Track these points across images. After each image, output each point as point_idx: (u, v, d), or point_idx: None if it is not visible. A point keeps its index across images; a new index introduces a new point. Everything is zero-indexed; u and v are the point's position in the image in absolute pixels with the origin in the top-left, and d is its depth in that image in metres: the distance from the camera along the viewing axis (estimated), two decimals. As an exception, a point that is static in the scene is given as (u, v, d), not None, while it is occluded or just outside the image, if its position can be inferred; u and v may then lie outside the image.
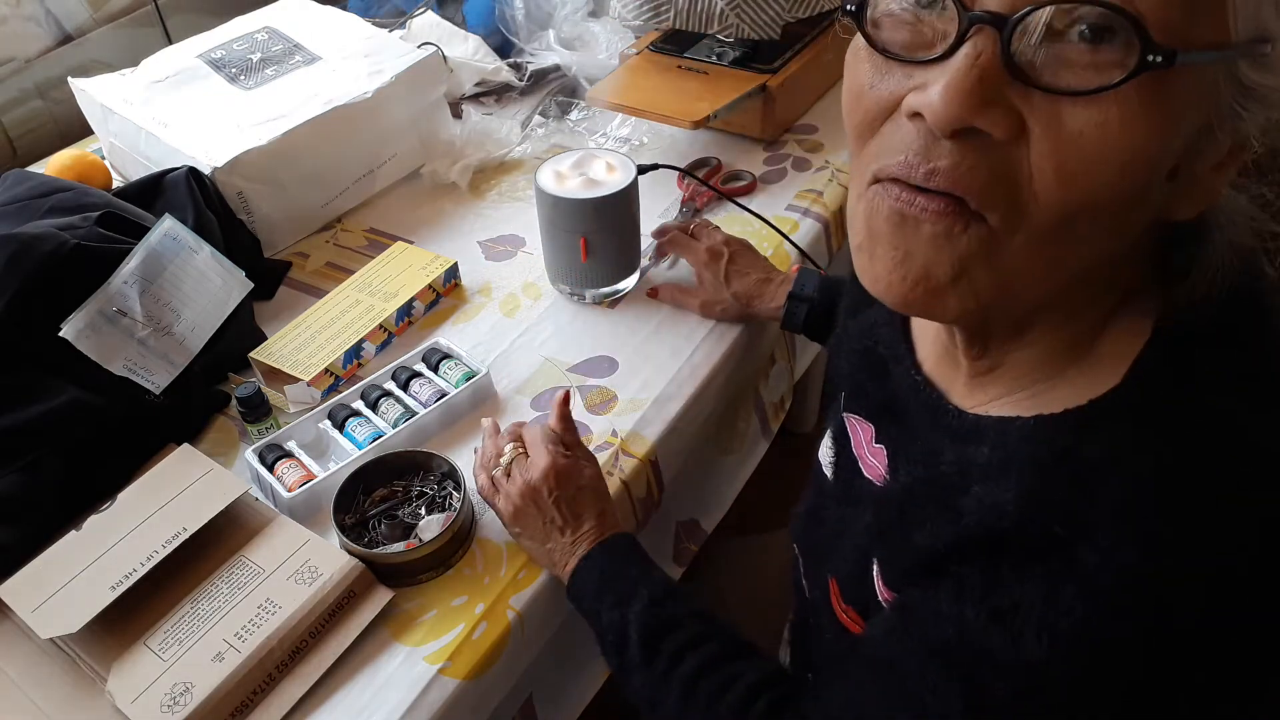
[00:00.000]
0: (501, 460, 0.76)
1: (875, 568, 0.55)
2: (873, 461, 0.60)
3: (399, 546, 0.73)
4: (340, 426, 0.85)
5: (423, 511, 0.78)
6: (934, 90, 0.39)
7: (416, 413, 0.85)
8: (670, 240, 1.00)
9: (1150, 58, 0.36)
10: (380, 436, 0.83)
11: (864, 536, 0.56)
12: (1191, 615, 0.40)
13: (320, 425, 0.86)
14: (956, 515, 0.47)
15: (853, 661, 0.54)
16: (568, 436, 0.78)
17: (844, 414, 0.64)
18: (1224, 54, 0.38)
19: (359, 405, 0.87)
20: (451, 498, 0.79)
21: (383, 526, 0.77)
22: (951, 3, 0.39)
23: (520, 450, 0.76)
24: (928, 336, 0.58)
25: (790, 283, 0.91)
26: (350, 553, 0.73)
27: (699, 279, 0.97)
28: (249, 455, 0.82)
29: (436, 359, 0.91)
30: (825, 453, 0.69)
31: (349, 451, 0.83)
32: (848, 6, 0.43)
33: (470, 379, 0.89)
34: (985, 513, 0.45)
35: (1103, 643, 0.41)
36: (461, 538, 0.76)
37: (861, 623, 0.59)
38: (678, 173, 1.11)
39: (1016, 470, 0.45)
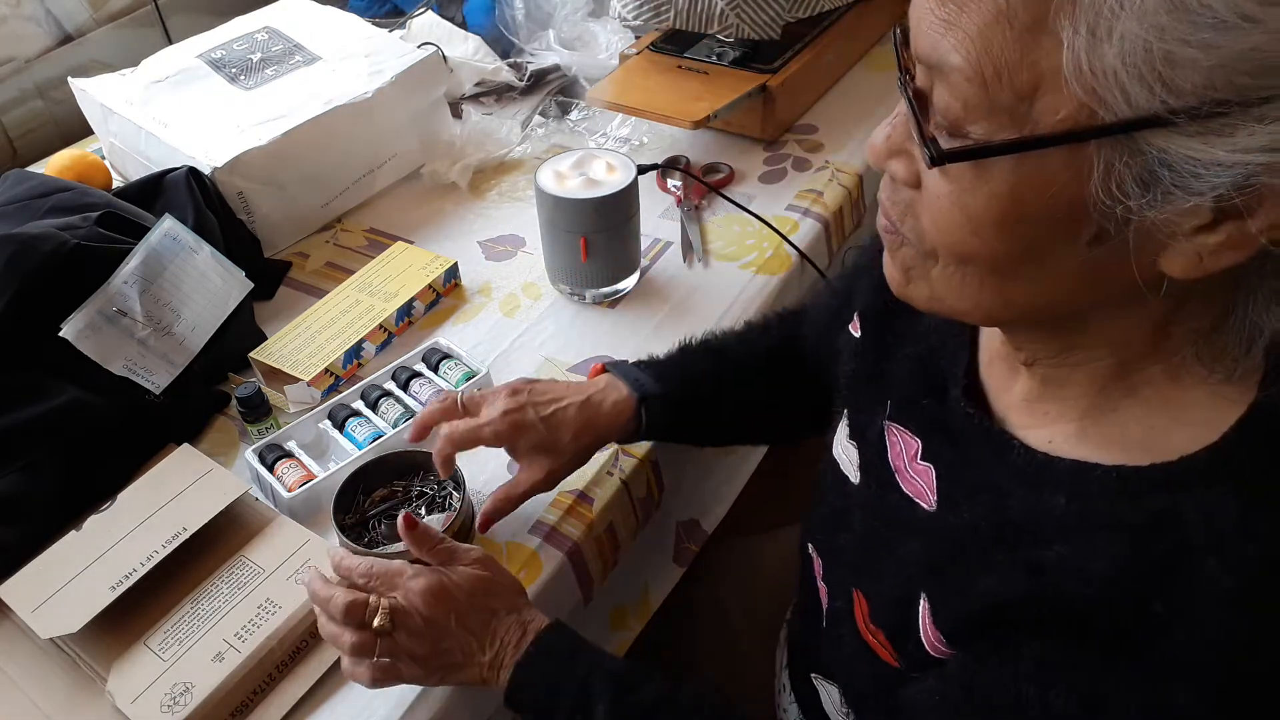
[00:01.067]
0: (375, 623, 0.61)
1: (924, 602, 0.52)
2: (915, 479, 0.56)
3: (399, 546, 0.73)
4: (340, 426, 0.85)
5: (423, 511, 0.78)
6: (874, 132, 0.46)
7: (416, 413, 0.85)
8: (443, 441, 0.72)
9: (929, 155, 0.41)
10: (380, 436, 0.83)
11: (911, 566, 0.53)
12: None
13: (320, 425, 0.86)
14: (1035, 569, 0.44)
15: None
16: (433, 554, 0.66)
17: (887, 421, 0.60)
18: (1039, 139, 0.38)
19: (359, 405, 0.87)
20: (451, 498, 0.79)
21: (383, 526, 0.77)
22: (899, 66, 0.44)
23: (385, 595, 0.63)
24: (990, 347, 0.56)
25: (613, 387, 0.75)
26: (351, 553, 0.73)
27: (513, 452, 0.76)
28: (249, 455, 0.82)
29: (436, 359, 0.91)
30: (846, 451, 0.65)
31: (349, 451, 0.83)
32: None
33: (470, 379, 0.89)
34: (1069, 576, 0.42)
35: None
36: (462, 537, 0.76)
37: (889, 647, 0.56)
38: (657, 177, 1.11)
39: (1106, 531, 0.43)
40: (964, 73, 0.39)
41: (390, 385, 0.89)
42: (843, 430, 0.67)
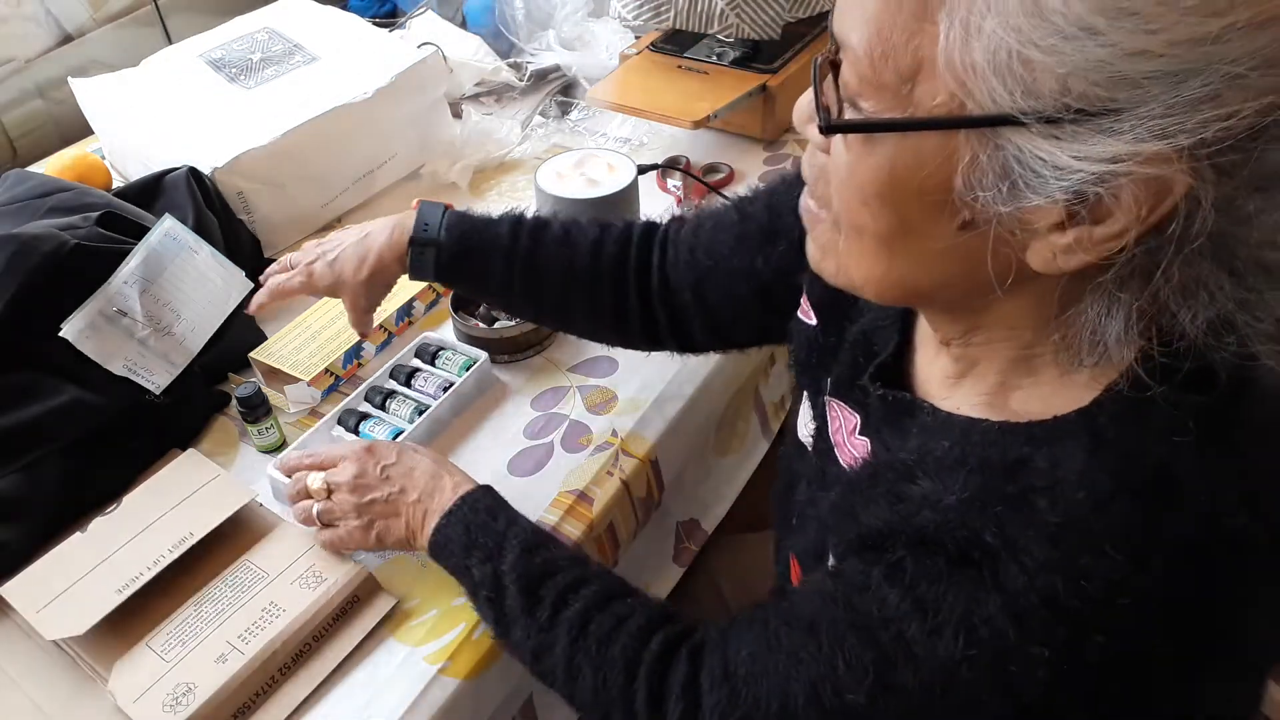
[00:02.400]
0: (313, 487, 0.74)
1: (830, 546, 0.55)
2: (851, 451, 0.60)
3: (510, 322, 0.91)
4: (354, 430, 0.85)
5: None
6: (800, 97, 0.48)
7: (429, 405, 0.86)
8: (262, 291, 0.84)
9: (820, 121, 0.44)
10: (401, 432, 0.84)
11: (830, 516, 0.57)
12: (1102, 647, 0.42)
13: (334, 433, 0.86)
14: (896, 500, 0.48)
15: (771, 612, 0.54)
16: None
17: (828, 397, 0.63)
18: (919, 122, 0.41)
19: (367, 408, 0.87)
20: None
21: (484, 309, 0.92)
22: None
23: (323, 471, 0.75)
24: (921, 328, 0.59)
25: (401, 226, 0.79)
26: (473, 337, 0.91)
27: (316, 293, 0.83)
28: (272, 471, 0.80)
29: (429, 354, 0.91)
30: (806, 427, 0.68)
31: None
32: None
33: (470, 367, 0.89)
34: (926, 507, 0.46)
35: (1015, 656, 0.43)
36: (546, 331, 0.93)
37: None
38: (657, 177, 1.11)
39: (967, 470, 0.46)
40: (858, 50, 0.42)
41: (392, 384, 0.90)
42: (805, 411, 0.69)
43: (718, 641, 0.57)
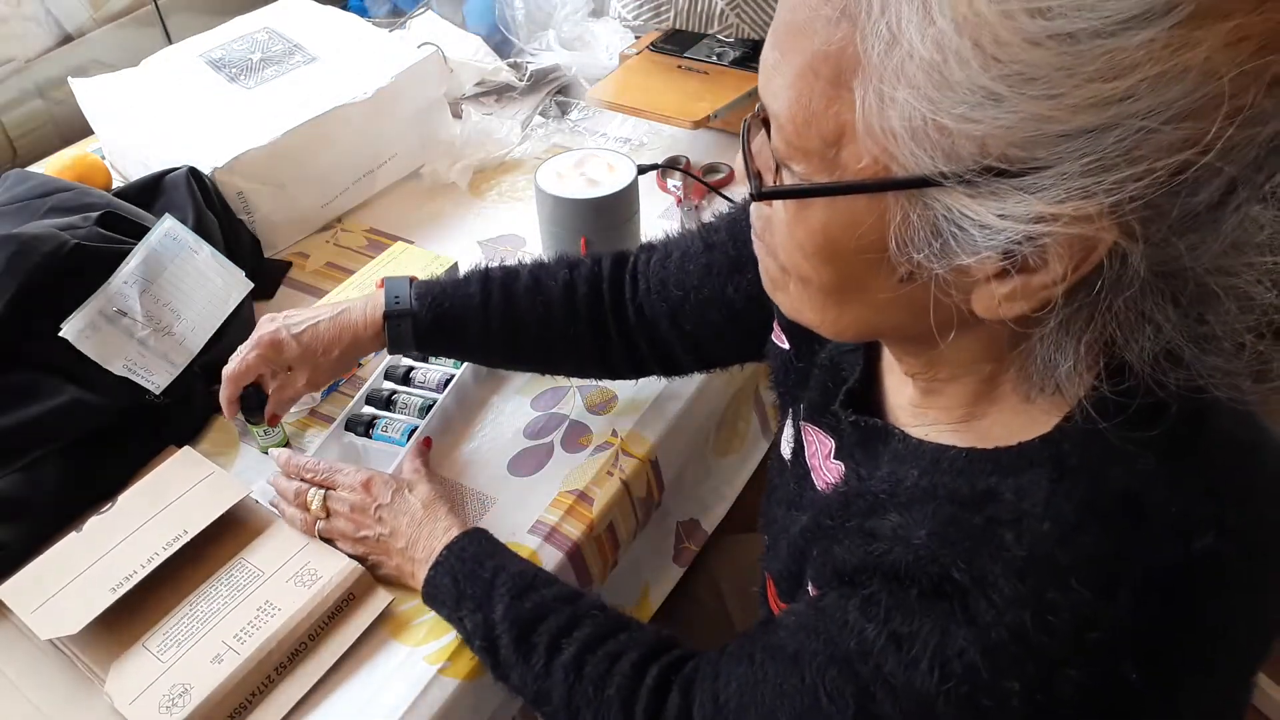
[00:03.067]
0: (312, 506, 0.76)
1: (809, 573, 0.56)
2: (826, 475, 0.60)
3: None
4: (366, 435, 0.85)
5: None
6: None
7: (435, 402, 0.86)
8: (224, 382, 0.81)
9: (753, 188, 0.45)
10: (415, 429, 0.84)
11: (800, 539, 0.57)
12: (1075, 681, 0.42)
13: (344, 440, 0.86)
14: (869, 538, 0.48)
15: (758, 645, 0.55)
16: (314, 479, 0.78)
17: (803, 421, 0.64)
18: (842, 185, 0.41)
19: (371, 410, 0.87)
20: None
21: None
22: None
23: (324, 488, 0.76)
24: (887, 355, 0.59)
25: (373, 302, 0.79)
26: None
27: (279, 368, 0.81)
28: (274, 482, 0.80)
29: (419, 354, 0.91)
30: (787, 444, 0.69)
31: (393, 451, 0.83)
32: None
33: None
34: (898, 543, 0.47)
35: (988, 691, 0.43)
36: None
37: None
38: (657, 177, 1.11)
39: (935, 502, 0.47)
40: (782, 117, 0.42)
41: (388, 385, 0.89)
42: (788, 430, 0.69)
43: (709, 673, 0.58)
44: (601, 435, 0.86)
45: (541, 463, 0.84)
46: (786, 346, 0.68)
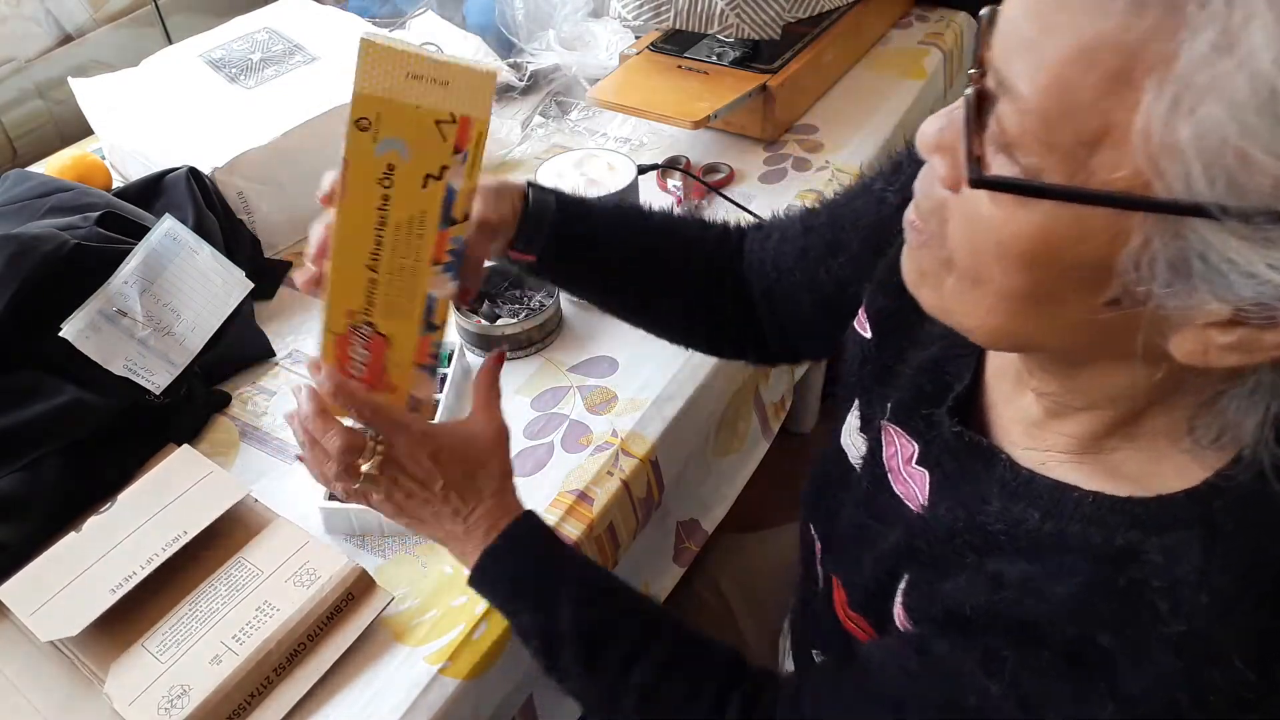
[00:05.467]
0: (366, 468, 0.61)
1: (900, 594, 0.53)
2: (907, 481, 0.57)
3: (512, 320, 0.91)
4: None
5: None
6: (926, 120, 0.43)
7: (436, 400, 0.86)
8: None
9: (969, 174, 0.39)
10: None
11: (890, 558, 0.54)
12: None
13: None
14: (995, 583, 0.45)
15: (850, 684, 0.52)
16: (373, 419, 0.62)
17: (884, 421, 0.60)
18: (1083, 195, 0.36)
19: None
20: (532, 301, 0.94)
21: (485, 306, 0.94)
22: (974, 57, 0.41)
23: (374, 446, 0.61)
24: (1003, 356, 0.55)
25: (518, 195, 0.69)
26: (475, 334, 0.88)
27: None
28: (324, 504, 0.78)
29: None
30: (854, 441, 0.66)
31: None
32: None
33: (450, 355, 0.91)
34: (1030, 594, 0.43)
35: None
36: (549, 329, 0.93)
37: (871, 632, 0.58)
38: (658, 177, 1.11)
39: (1072, 561, 0.43)
40: (1029, 100, 0.36)
41: None
42: (853, 421, 0.67)
43: (790, 705, 0.55)
44: (601, 435, 0.86)
45: (541, 462, 0.84)
46: (869, 335, 0.65)
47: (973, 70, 0.40)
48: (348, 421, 0.62)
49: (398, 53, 0.53)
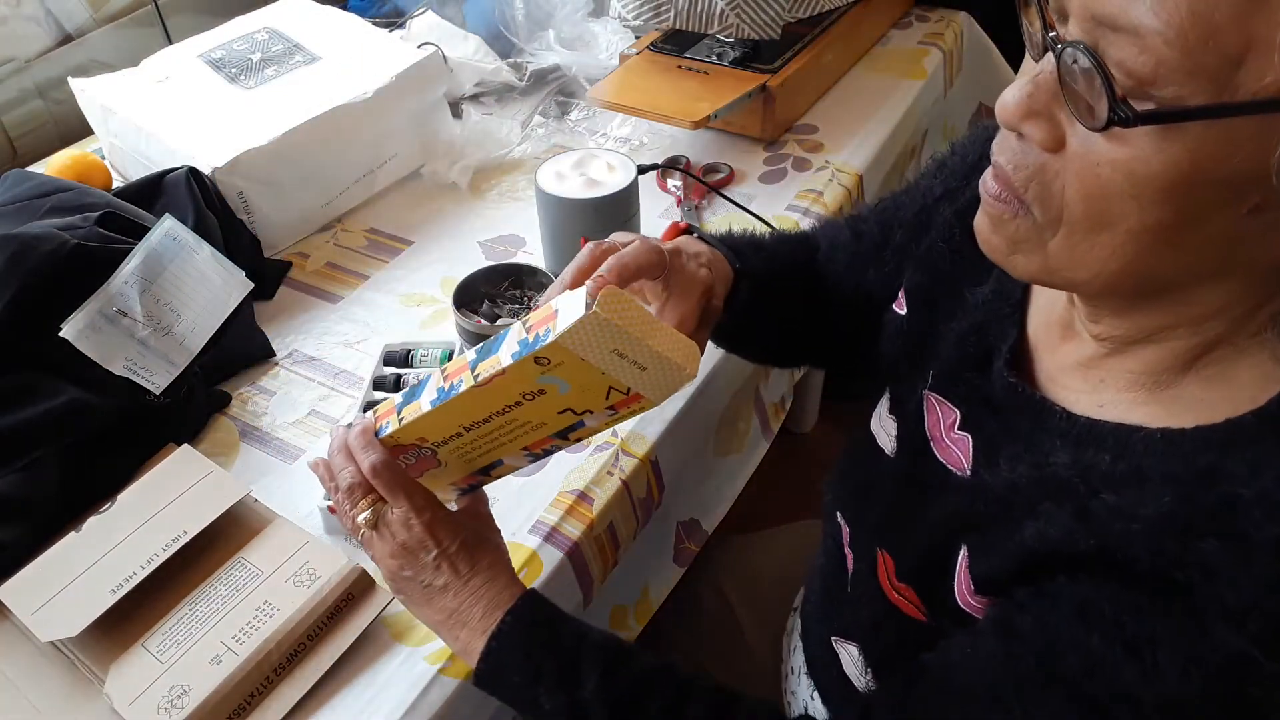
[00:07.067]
0: (360, 520, 0.61)
1: (963, 560, 0.52)
2: (951, 447, 0.57)
3: (512, 320, 0.88)
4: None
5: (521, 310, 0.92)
6: (1004, 93, 0.44)
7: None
8: (611, 273, 0.66)
9: (1116, 114, 0.39)
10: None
11: (942, 527, 0.54)
12: None
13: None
14: (1083, 515, 0.45)
15: (931, 694, 0.51)
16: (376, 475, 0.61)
17: (926, 391, 0.60)
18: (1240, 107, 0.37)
19: (381, 395, 0.88)
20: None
21: (486, 307, 0.92)
22: (1039, 20, 0.42)
23: (376, 499, 0.61)
24: (1048, 312, 0.56)
25: (708, 259, 0.68)
26: (476, 334, 0.87)
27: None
28: (323, 504, 0.78)
29: (400, 358, 0.92)
30: (885, 425, 0.66)
31: None
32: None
33: (450, 355, 0.91)
34: (1118, 518, 0.43)
35: (1257, 678, 0.40)
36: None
37: (919, 603, 0.57)
38: (658, 177, 1.11)
39: (1155, 488, 0.43)
40: (1163, 35, 0.37)
41: (388, 370, 0.90)
42: (884, 404, 0.67)
43: None
44: (601, 435, 0.86)
45: (542, 463, 0.84)
46: (904, 312, 0.65)
47: (1050, 33, 0.42)
48: None
49: (617, 329, 0.49)
